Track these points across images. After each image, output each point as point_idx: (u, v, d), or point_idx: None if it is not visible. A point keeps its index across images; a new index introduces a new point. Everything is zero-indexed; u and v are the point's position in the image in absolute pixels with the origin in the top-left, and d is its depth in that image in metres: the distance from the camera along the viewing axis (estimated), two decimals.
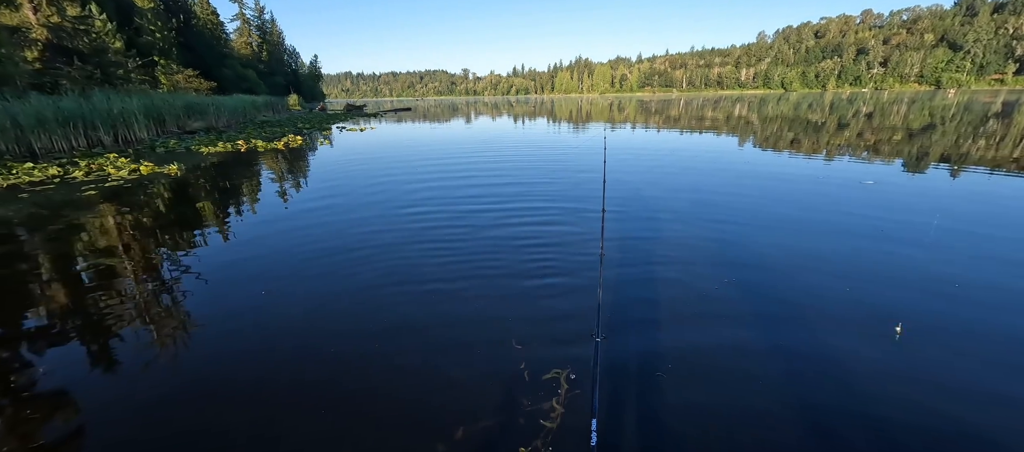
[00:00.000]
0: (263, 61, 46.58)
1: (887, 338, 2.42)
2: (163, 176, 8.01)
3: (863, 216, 4.65)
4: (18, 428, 1.90)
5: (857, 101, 34.80)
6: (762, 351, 2.33)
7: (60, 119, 11.47)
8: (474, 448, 1.75)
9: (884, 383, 2.07)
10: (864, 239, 3.99)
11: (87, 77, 16.84)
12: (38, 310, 3.04)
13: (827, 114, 20.93)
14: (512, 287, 3.17)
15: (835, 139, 11.51)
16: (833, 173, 7.09)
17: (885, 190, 5.82)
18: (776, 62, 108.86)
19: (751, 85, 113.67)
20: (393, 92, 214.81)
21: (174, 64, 26.39)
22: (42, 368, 2.34)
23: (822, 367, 2.19)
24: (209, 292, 3.21)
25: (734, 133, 13.85)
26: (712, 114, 23.90)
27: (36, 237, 4.61)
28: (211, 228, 4.86)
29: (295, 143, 13.19)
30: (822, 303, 2.82)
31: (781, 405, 1.94)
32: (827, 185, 6.20)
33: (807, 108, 26.58)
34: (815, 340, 2.42)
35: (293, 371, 2.27)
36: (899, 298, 2.86)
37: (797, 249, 3.78)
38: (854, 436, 1.76)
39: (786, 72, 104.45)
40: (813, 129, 14.33)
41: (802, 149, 9.87)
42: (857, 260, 3.52)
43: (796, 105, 30.87)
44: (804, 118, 18.98)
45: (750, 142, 11.53)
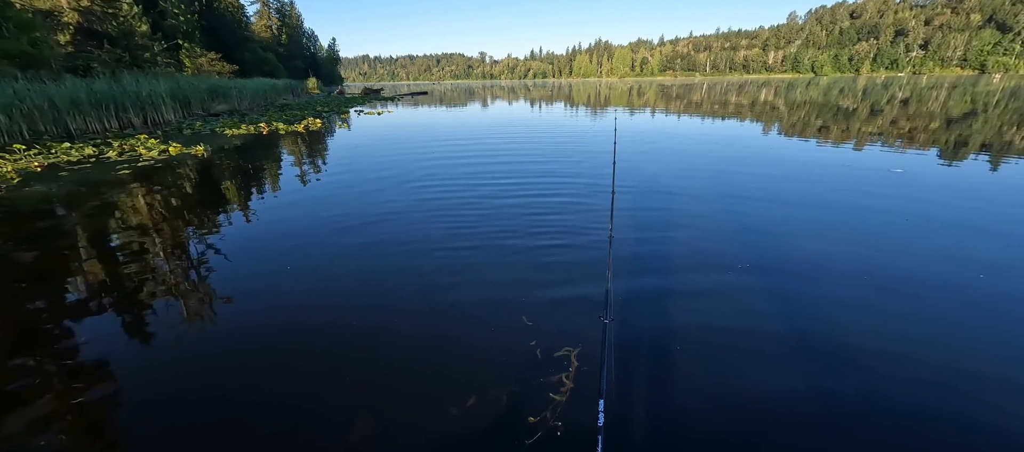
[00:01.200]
0: (283, 44, 47.07)
1: (903, 322, 2.36)
2: (190, 157, 8.27)
3: (886, 204, 4.49)
4: (64, 393, 2.04)
5: (892, 86, 33.07)
6: (773, 335, 2.31)
7: (93, 101, 11.91)
8: (485, 416, 1.83)
9: (899, 366, 2.03)
10: (884, 227, 3.86)
11: (116, 60, 17.35)
12: (80, 282, 3.22)
13: (859, 100, 19.99)
14: (525, 266, 3.22)
15: (866, 126, 11.02)
16: (860, 161, 6.82)
17: (914, 179, 5.58)
18: (807, 44, 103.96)
19: (779, 69, 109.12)
20: (410, 76, 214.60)
21: (198, 47, 26.92)
22: (83, 336, 2.50)
23: (837, 351, 2.16)
24: (236, 268, 3.35)
25: (758, 119, 13.40)
26: (736, 99, 23.13)
27: (77, 213, 4.86)
28: (236, 207, 5.02)
29: (314, 126, 13.38)
30: (837, 288, 2.76)
31: (792, 388, 1.93)
32: (852, 172, 5.98)
33: (838, 93, 25.42)
34: (829, 324, 2.37)
35: (314, 343, 2.38)
36: (917, 286, 2.78)
37: (815, 235, 3.68)
38: (868, 417, 1.75)
39: (817, 55, 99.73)
40: (843, 115, 13.74)
41: (830, 137, 9.49)
42: (874, 246, 3.41)
43: (826, 90, 29.55)
44: (834, 104, 18.18)
45: (775, 129, 11.15)
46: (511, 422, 1.80)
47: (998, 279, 2.91)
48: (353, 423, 1.81)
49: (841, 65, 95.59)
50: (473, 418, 1.82)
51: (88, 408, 1.94)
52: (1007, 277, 2.95)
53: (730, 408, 1.85)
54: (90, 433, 1.82)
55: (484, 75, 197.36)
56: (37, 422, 1.85)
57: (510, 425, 1.78)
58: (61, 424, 1.84)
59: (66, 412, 1.91)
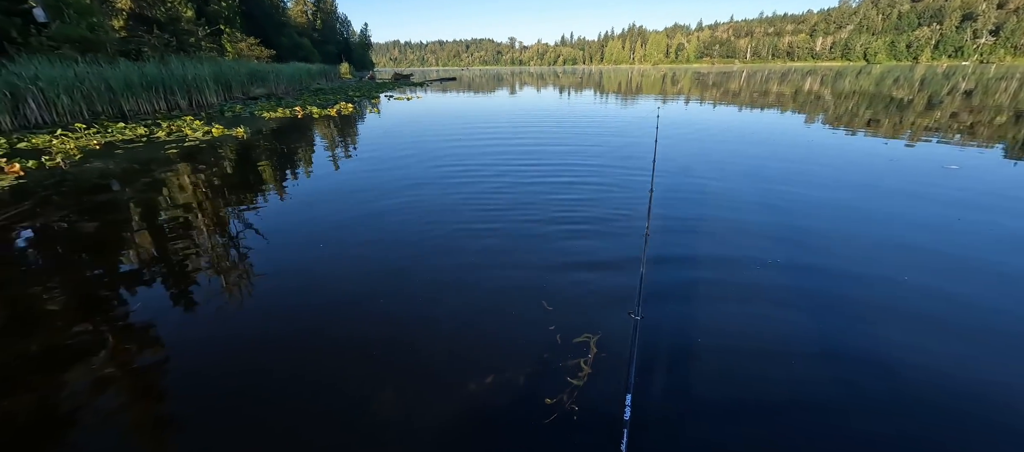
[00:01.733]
0: (317, 30, 48.14)
1: (944, 330, 2.22)
2: (231, 138, 8.67)
3: (937, 203, 4.19)
4: (117, 355, 2.23)
5: (955, 76, 30.43)
6: (806, 339, 2.22)
7: (144, 83, 12.64)
8: (503, 394, 1.88)
9: (939, 376, 1.91)
10: (934, 227, 3.61)
11: (165, 45, 18.26)
12: (132, 253, 3.48)
13: (915, 90, 18.54)
14: (547, 252, 3.24)
15: (921, 120, 10.23)
16: (911, 155, 6.37)
17: (971, 177, 5.16)
18: (860, 30, 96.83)
19: (827, 56, 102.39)
20: (439, 61, 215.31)
21: (238, 32, 27.94)
22: (135, 303, 2.71)
23: (876, 359, 2.05)
24: (272, 246, 3.52)
25: (801, 110, 12.69)
26: (777, 88, 21.96)
27: (131, 189, 5.21)
28: (273, 188, 5.25)
29: (346, 110, 13.70)
30: (878, 291, 2.61)
31: (825, 395, 1.86)
32: (902, 168, 5.59)
33: (892, 83, 23.66)
34: (869, 330, 2.26)
35: (342, 318, 2.49)
36: (960, 290, 2.60)
37: (856, 234, 3.49)
38: (904, 426, 1.67)
39: (871, 41, 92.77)
40: (896, 107, 12.80)
41: (880, 130, 8.88)
42: (921, 248, 3.20)
43: (878, 80, 27.55)
44: (887, 94, 16.95)
45: (819, 120, 10.54)
46: (528, 402, 1.84)
47: None
48: (378, 395, 1.90)
49: (897, 52, 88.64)
50: (491, 396, 1.88)
51: (138, 369, 2.11)
52: None
53: (757, 409, 1.80)
54: (139, 392, 1.98)
55: (513, 61, 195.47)
56: (95, 381, 2.03)
57: (527, 405, 1.82)
58: (114, 383, 2.01)
59: (118, 371, 2.08)
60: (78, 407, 1.87)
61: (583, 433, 1.68)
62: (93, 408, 1.86)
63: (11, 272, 3.18)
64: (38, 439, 1.72)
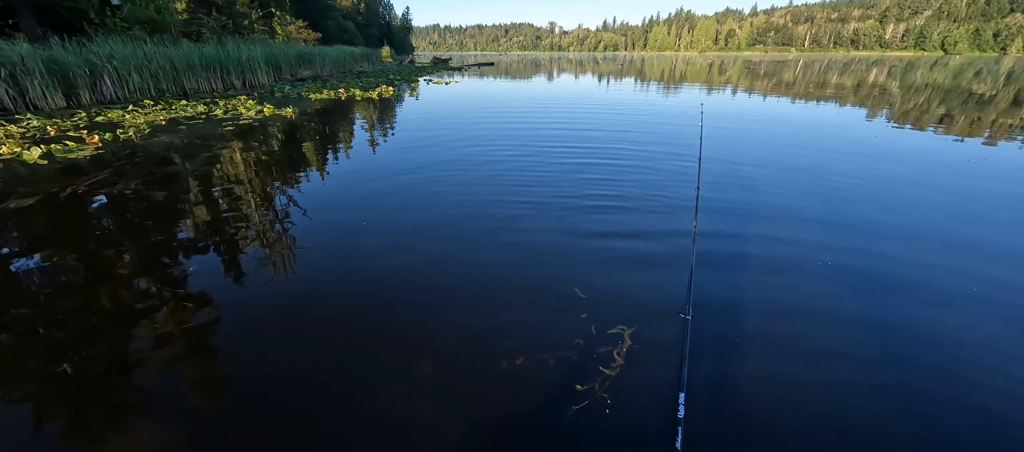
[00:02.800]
0: (361, 13, 49.20)
1: (1009, 343, 2.03)
2: (281, 118, 9.12)
3: (1016, 207, 3.79)
4: (175, 313, 2.44)
5: None
6: (864, 345, 2.10)
7: (203, 64, 13.46)
8: (534, 375, 1.94)
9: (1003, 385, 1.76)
10: (1005, 236, 3.29)
11: (222, 27, 19.30)
12: (191, 222, 3.77)
13: (999, 85, 16.63)
14: (585, 241, 3.25)
15: (1004, 118, 9.20)
16: (988, 157, 5.76)
17: None
18: (939, 16, 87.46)
19: (897, 45, 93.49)
20: (478, 45, 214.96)
21: (288, 15, 29.05)
22: (192, 268, 2.94)
23: (936, 377, 1.92)
24: (318, 221, 3.71)
25: (863, 104, 11.73)
26: (837, 80, 20.35)
27: (191, 163, 5.62)
28: (317, 166, 5.50)
29: (387, 94, 14.02)
30: (942, 309, 2.42)
31: (883, 404, 1.76)
32: (978, 169, 5.07)
33: (972, 76, 21.32)
34: (931, 347, 2.11)
35: (383, 292, 2.62)
36: None
37: (918, 239, 3.22)
38: (962, 433, 1.56)
39: (951, 29, 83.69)
40: (975, 103, 11.56)
41: (953, 129, 8.07)
42: (992, 257, 2.92)
43: (957, 72, 24.89)
44: (965, 89, 15.31)
45: (882, 115, 9.71)
46: (560, 386, 1.87)
47: None
48: (417, 364, 2.02)
49: (982, 42, 79.52)
50: (523, 375, 1.94)
51: (193, 330, 2.30)
52: None
53: (808, 415, 1.74)
54: (192, 348, 2.17)
55: (552, 47, 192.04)
56: (155, 336, 2.24)
57: (558, 388, 1.86)
58: (172, 342, 2.21)
59: (176, 331, 2.29)
60: (139, 358, 2.08)
61: (613, 421, 1.69)
62: (151, 359, 2.07)
63: (90, 234, 3.53)
64: (106, 382, 1.93)
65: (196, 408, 1.81)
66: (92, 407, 1.81)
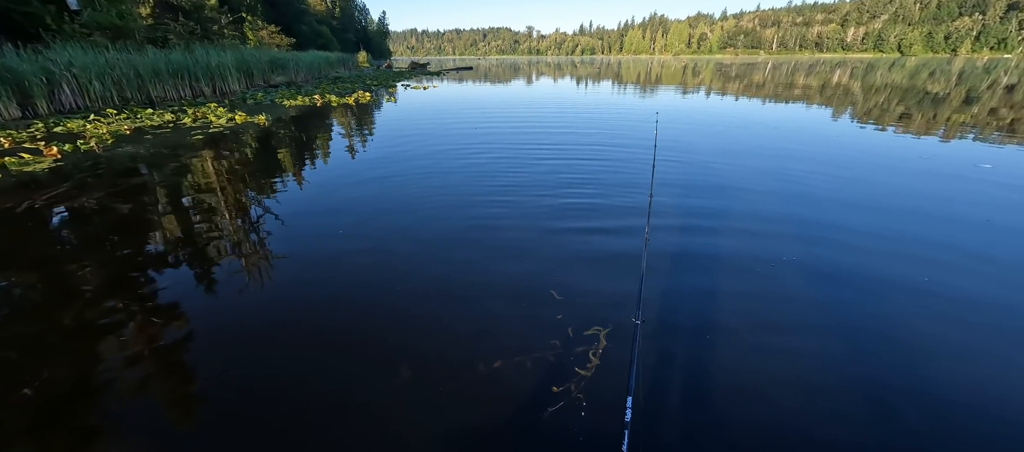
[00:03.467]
0: (336, 17, 48.44)
1: (967, 333, 2.16)
2: (253, 125, 8.88)
3: (965, 204, 4.05)
4: (145, 329, 2.34)
5: (997, 69, 28.85)
6: (819, 346, 2.19)
7: (170, 70, 12.99)
8: (511, 378, 1.95)
9: (963, 397, 1.87)
10: (959, 230, 3.50)
11: (189, 32, 18.66)
12: (160, 235, 3.63)
13: (952, 85, 17.67)
14: (560, 243, 3.27)
15: (957, 116, 9.78)
16: (944, 152, 6.12)
17: (1005, 176, 4.94)
18: (895, 20, 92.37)
19: (858, 47, 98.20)
20: (456, 50, 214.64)
21: (259, 20, 28.33)
22: (162, 283, 2.83)
23: (893, 371, 2.02)
24: (293, 230, 3.62)
25: (828, 104, 12.26)
26: (804, 81, 21.21)
27: (159, 173, 5.41)
28: (293, 174, 5.38)
29: (364, 99, 13.83)
30: (895, 298, 2.55)
31: (836, 408, 1.84)
32: (931, 165, 5.38)
33: (927, 76, 22.59)
34: (884, 335, 2.22)
35: (360, 300, 2.57)
36: (977, 289, 2.52)
37: (875, 233, 3.38)
38: (909, 437, 1.64)
39: (907, 32, 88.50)
40: (930, 102, 12.25)
41: (911, 126, 8.53)
42: (942, 250, 3.10)
43: (913, 73, 26.32)
44: (921, 88, 16.21)
45: (846, 115, 10.17)
46: (536, 388, 1.89)
47: None
48: (391, 375, 1.99)
49: (935, 44, 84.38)
50: (500, 378, 1.95)
51: (163, 345, 2.22)
52: None
53: (759, 417, 1.78)
54: (163, 366, 2.09)
55: (530, 50, 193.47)
56: (123, 355, 2.14)
57: (535, 390, 1.87)
58: (140, 357, 2.13)
59: (145, 347, 2.20)
60: (107, 378, 1.99)
61: (588, 422, 1.71)
62: (120, 379, 1.98)
63: (51, 250, 3.36)
64: (71, 405, 1.84)
65: (169, 427, 1.74)
66: (57, 433, 1.72)
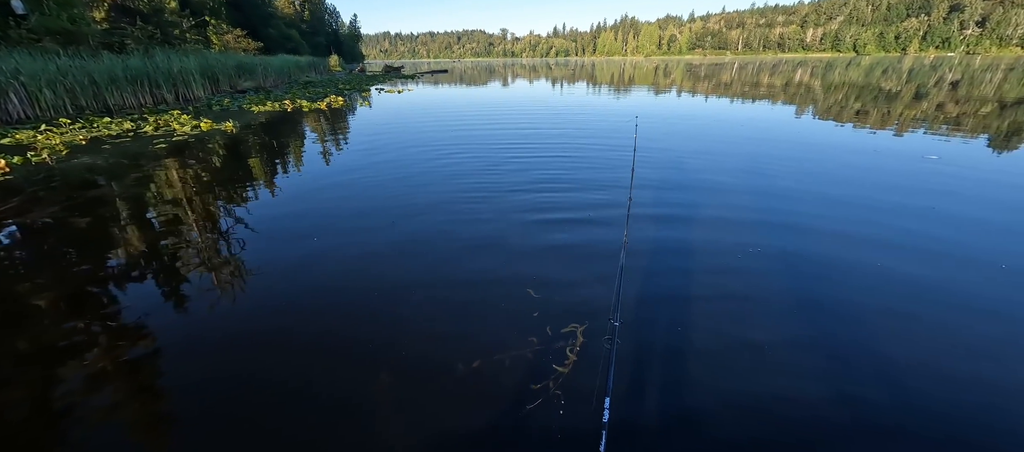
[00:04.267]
0: (305, 21, 47.27)
1: (918, 321, 2.31)
2: (220, 132, 8.56)
3: (912, 192, 4.35)
4: (109, 350, 2.23)
5: (942, 67, 30.85)
6: (788, 336, 2.29)
7: (128, 77, 12.37)
8: (490, 378, 1.97)
9: (920, 372, 1.99)
10: (906, 215, 3.74)
11: (149, 37, 17.83)
12: (122, 250, 3.45)
13: (903, 82, 18.79)
14: (536, 242, 3.31)
15: (908, 111, 10.41)
16: (896, 145, 6.50)
17: (949, 166, 5.32)
18: (850, 21, 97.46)
19: (817, 48, 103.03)
20: (430, 53, 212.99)
21: (224, 24, 27.34)
22: (126, 300, 2.70)
23: (852, 352, 2.13)
24: (266, 240, 3.51)
25: (791, 102, 12.82)
26: (769, 80, 22.10)
27: (120, 185, 5.14)
28: (264, 182, 5.21)
29: (337, 104, 13.56)
30: (858, 289, 2.69)
31: (807, 392, 1.91)
32: (885, 159, 5.71)
33: (880, 74, 23.94)
34: (846, 322, 2.34)
35: (338, 308, 2.52)
36: (929, 276, 2.70)
37: (837, 230, 3.56)
38: (884, 424, 1.72)
39: (861, 32, 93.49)
40: (885, 98, 12.98)
41: (868, 121, 9.02)
42: (898, 242, 3.30)
43: (868, 71, 27.85)
44: (875, 86, 17.16)
45: (809, 112, 10.66)
46: (515, 386, 1.91)
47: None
48: (371, 382, 1.97)
49: (886, 44, 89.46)
50: (479, 379, 1.97)
51: (129, 366, 2.11)
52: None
53: (737, 410, 1.80)
54: (130, 389, 1.99)
55: (505, 53, 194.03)
56: (86, 378, 2.03)
57: (514, 388, 1.89)
58: (105, 380, 2.02)
59: (111, 369, 2.09)
60: (68, 404, 1.88)
61: (567, 419, 1.73)
62: (83, 405, 1.87)
63: (1, 269, 3.14)
64: (29, 436, 1.73)
65: (139, 449, 1.66)
66: None
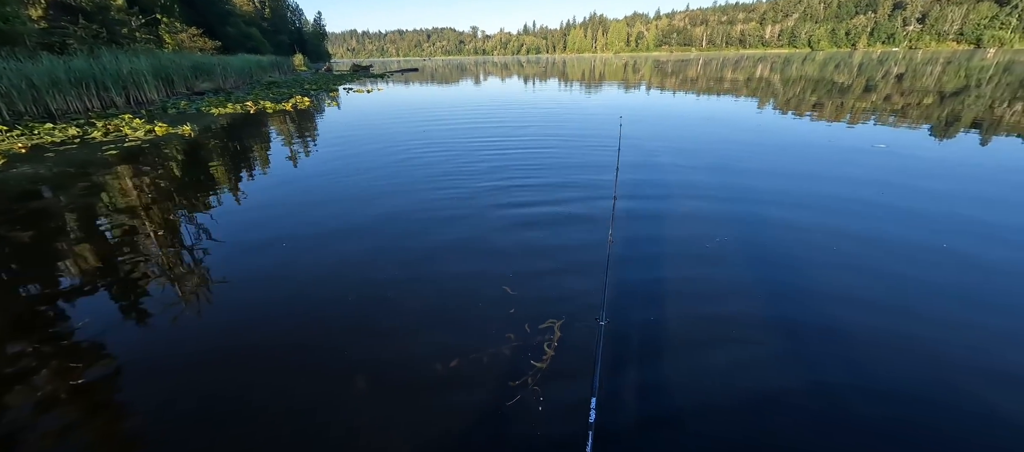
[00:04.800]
0: (266, 19, 45.44)
1: (881, 304, 2.46)
2: (177, 137, 8.11)
3: (862, 180, 4.64)
4: (63, 373, 2.07)
5: (888, 61, 32.91)
6: (761, 324, 2.37)
7: (72, 79, 11.51)
8: (468, 376, 1.97)
9: (887, 351, 2.12)
10: (858, 201, 3.98)
11: (93, 36, 16.65)
12: (73, 264, 3.21)
13: (854, 76, 19.92)
14: (511, 241, 3.32)
15: (860, 103, 11.04)
16: (848, 135, 6.91)
17: (895, 154, 5.70)
18: (804, 18, 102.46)
19: (775, 43, 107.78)
20: (400, 51, 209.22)
21: (177, 22, 25.89)
22: (81, 319, 2.52)
23: (825, 340, 2.18)
24: (231, 248, 3.35)
25: (754, 95, 13.35)
26: (732, 75, 22.93)
27: (67, 196, 4.79)
28: (228, 188, 4.98)
29: (303, 104, 13.11)
30: (826, 278, 2.84)
31: (787, 385, 1.92)
32: (839, 148, 6.06)
33: (833, 69, 25.28)
34: (814, 308, 2.47)
35: (311, 313, 2.45)
36: (873, 254, 2.89)
37: (804, 222, 3.75)
38: (861, 410, 1.75)
39: (814, 29, 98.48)
40: (838, 91, 13.72)
41: (824, 113, 9.52)
42: (838, 216, 3.54)
43: (822, 65, 29.36)
44: (829, 79, 18.11)
45: (770, 105, 11.14)
46: (493, 384, 1.91)
47: (960, 248, 3.02)
48: (348, 387, 1.94)
49: (838, 39, 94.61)
50: (457, 378, 1.96)
51: (87, 389, 1.97)
52: (966, 245, 3.05)
53: (721, 405, 1.80)
54: (90, 413, 1.86)
55: (476, 51, 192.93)
56: (37, 403, 1.88)
57: (492, 386, 1.90)
58: (60, 405, 1.88)
59: (65, 393, 1.95)
60: (19, 429, 1.74)
61: (545, 414, 1.75)
62: (37, 431, 1.74)
63: None
64: None
65: None
66: None
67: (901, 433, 1.67)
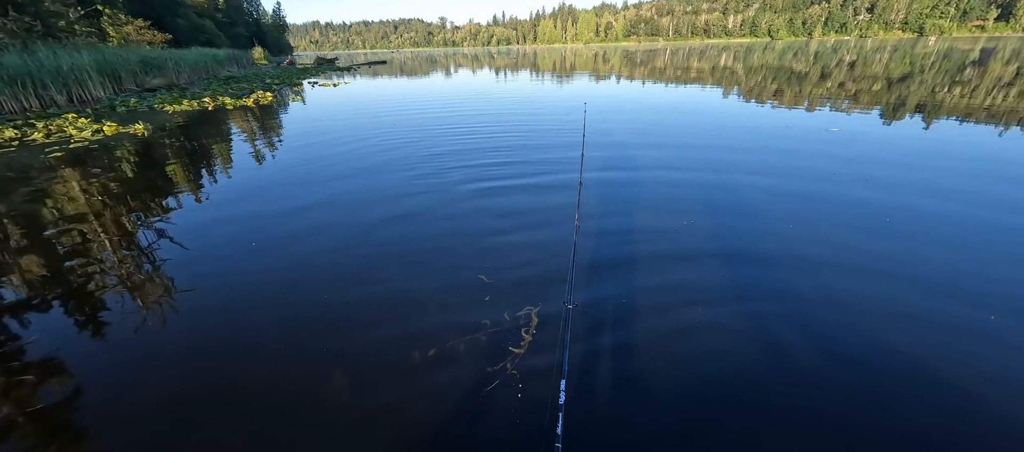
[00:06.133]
0: (220, 9, 42.98)
1: (829, 263, 2.62)
2: (129, 137, 7.61)
3: (818, 159, 4.95)
4: (13, 392, 1.93)
5: (841, 49, 34.60)
6: (727, 303, 2.47)
7: (5, 77, 10.57)
8: (447, 364, 1.99)
9: (835, 308, 2.26)
10: (815, 179, 4.23)
11: (26, 30, 15.31)
12: (18, 278, 2.98)
13: (811, 64, 20.85)
14: (486, 228, 3.37)
15: (816, 89, 11.58)
16: (805, 120, 7.26)
17: (847, 136, 6.07)
18: (764, 8, 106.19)
19: (738, 33, 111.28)
20: (366, 43, 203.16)
21: (122, 14, 24.12)
22: (32, 335, 2.35)
23: (791, 325, 2.22)
24: (196, 251, 3.19)
25: (719, 84, 13.77)
26: (698, 64, 23.54)
27: (8, 202, 4.41)
28: (188, 189, 4.72)
29: (265, 100, 12.56)
30: (787, 267, 2.98)
31: (752, 362, 1.97)
32: (796, 133, 6.36)
33: (792, 57, 26.37)
34: (778, 294, 2.58)
35: (284, 311, 2.41)
36: (843, 236, 3.08)
37: (766, 207, 3.93)
38: (823, 394, 1.78)
39: (773, 19, 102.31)
40: (796, 79, 14.34)
41: (784, 100, 9.93)
42: (794, 197, 3.78)
43: (781, 54, 30.58)
44: (788, 68, 18.89)
45: (734, 93, 11.52)
46: (472, 371, 1.94)
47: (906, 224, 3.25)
48: (330, 377, 1.94)
49: (795, 29, 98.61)
50: (436, 367, 1.98)
51: (44, 409, 1.85)
52: (902, 219, 3.29)
53: (692, 387, 1.84)
54: (48, 434, 1.74)
55: (445, 42, 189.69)
56: None
57: (471, 373, 1.92)
58: (14, 427, 1.76)
59: (18, 414, 1.82)
60: None
61: (523, 399, 1.78)
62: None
63: None
64: None
65: None
66: None
67: (850, 384, 1.79)
